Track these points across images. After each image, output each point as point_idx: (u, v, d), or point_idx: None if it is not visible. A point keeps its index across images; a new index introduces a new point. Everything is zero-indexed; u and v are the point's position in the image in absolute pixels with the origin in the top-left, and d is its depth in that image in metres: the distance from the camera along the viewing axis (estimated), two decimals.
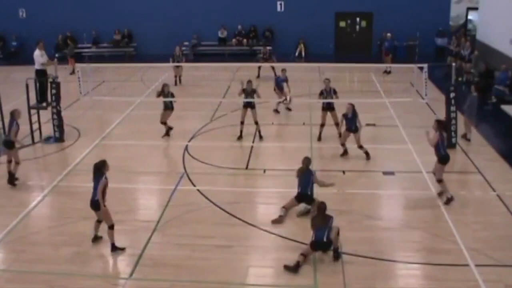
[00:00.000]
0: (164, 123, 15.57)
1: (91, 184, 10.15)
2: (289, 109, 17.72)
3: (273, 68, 22.10)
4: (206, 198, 11.71)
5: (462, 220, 10.65)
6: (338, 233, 9.31)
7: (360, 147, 13.68)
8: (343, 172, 12.82)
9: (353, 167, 13.17)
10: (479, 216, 10.93)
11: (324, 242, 9.18)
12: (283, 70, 18.14)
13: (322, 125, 15.12)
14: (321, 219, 9.29)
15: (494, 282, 8.65)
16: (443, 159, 11.37)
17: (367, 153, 13.77)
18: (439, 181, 11.41)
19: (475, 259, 9.24)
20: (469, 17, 27.83)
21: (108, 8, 28.20)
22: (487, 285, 8.54)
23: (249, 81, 15.32)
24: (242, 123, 15.30)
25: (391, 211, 11.35)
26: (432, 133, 11.47)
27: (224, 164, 13.60)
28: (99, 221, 9.91)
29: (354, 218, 10.79)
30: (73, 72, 23.05)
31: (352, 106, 13.77)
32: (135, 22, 28.23)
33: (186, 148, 14.71)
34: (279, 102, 17.35)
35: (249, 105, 15.24)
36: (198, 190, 12.13)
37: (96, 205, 9.64)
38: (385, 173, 12.97)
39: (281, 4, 28.33)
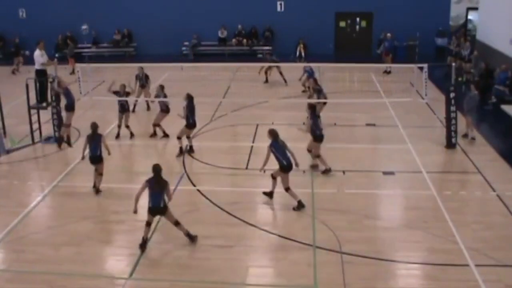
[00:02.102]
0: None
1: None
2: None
3: (279, 70, 21.75)
4: (206, 198, 11.71)
5: (462, 220, 10.65)
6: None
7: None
8: (343, 172, 12.81)
9: (353, 167, 13.16)
10: (479, 216, 10.92)
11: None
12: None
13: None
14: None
15: (494, 282, 8.64)
16: (318, 138, 12.69)
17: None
18: (317, 156, 12.73)
19: (475, 259, 9.23)
20: (469, 17, 27.81)
21: (108, 8, 28.18)
22: (487, 285, 8.53)
23: (161, 86, 15.55)
24: (158, 125, 15.54)
25: (391, 211, 11.34)
26: (306, 122, 12.88)
27: (224, 164, 13.59)
28: (97, 170, 11.83)
29: (354, 218, 10.78)
30: (73, 72, 23.01)
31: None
32: (135, 22, 28.22)
33: (186, 148, 14.70)
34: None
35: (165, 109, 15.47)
36: (198, 190, 12.13)
37: (99, 158, 11.75)
38: (385, 173, 12.96)
39: (281, 4, 28.32)
